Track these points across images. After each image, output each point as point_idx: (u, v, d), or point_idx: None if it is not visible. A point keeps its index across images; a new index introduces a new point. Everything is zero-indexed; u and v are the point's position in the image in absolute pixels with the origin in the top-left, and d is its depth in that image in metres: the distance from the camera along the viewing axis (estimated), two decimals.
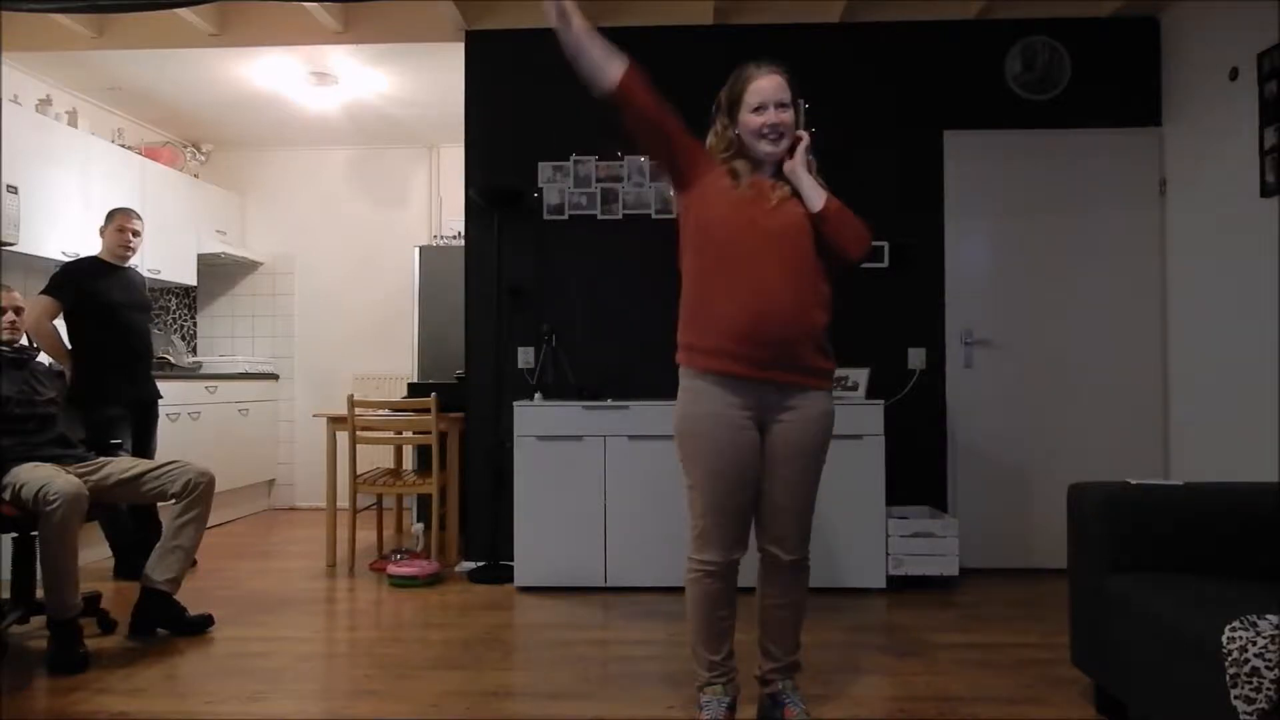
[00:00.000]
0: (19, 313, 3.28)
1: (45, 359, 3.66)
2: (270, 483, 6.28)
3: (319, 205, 6.38)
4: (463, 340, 4.35)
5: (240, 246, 6.23)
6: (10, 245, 4.20)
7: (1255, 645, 1.64)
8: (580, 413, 3.80)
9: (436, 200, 6.29)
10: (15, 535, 3.02)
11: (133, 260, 4.18)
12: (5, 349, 3.17)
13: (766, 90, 2.17)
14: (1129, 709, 2.27)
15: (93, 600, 3.12)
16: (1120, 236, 4.14)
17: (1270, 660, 1.62)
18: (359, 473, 4.29)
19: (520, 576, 3.78)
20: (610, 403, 3.81)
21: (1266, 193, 3.37)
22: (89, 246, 4.32)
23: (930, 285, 4.20)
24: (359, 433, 4.27)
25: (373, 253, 6.28)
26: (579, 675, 2.76)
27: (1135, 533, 2.26)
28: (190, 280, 5.83)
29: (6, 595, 3.05)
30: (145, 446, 4.05)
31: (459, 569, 4.16)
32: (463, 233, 4.47)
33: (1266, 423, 3.34)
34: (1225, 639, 1.69)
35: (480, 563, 4.11)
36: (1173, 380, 4.07)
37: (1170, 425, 4.07)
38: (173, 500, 3.17)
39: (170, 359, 5.69)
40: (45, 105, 4.77)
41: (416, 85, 5.13)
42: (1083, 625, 2.40)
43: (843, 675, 2.70)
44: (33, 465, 2.92)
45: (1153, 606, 2.04)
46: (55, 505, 2.73)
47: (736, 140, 2.22)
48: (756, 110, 2.17)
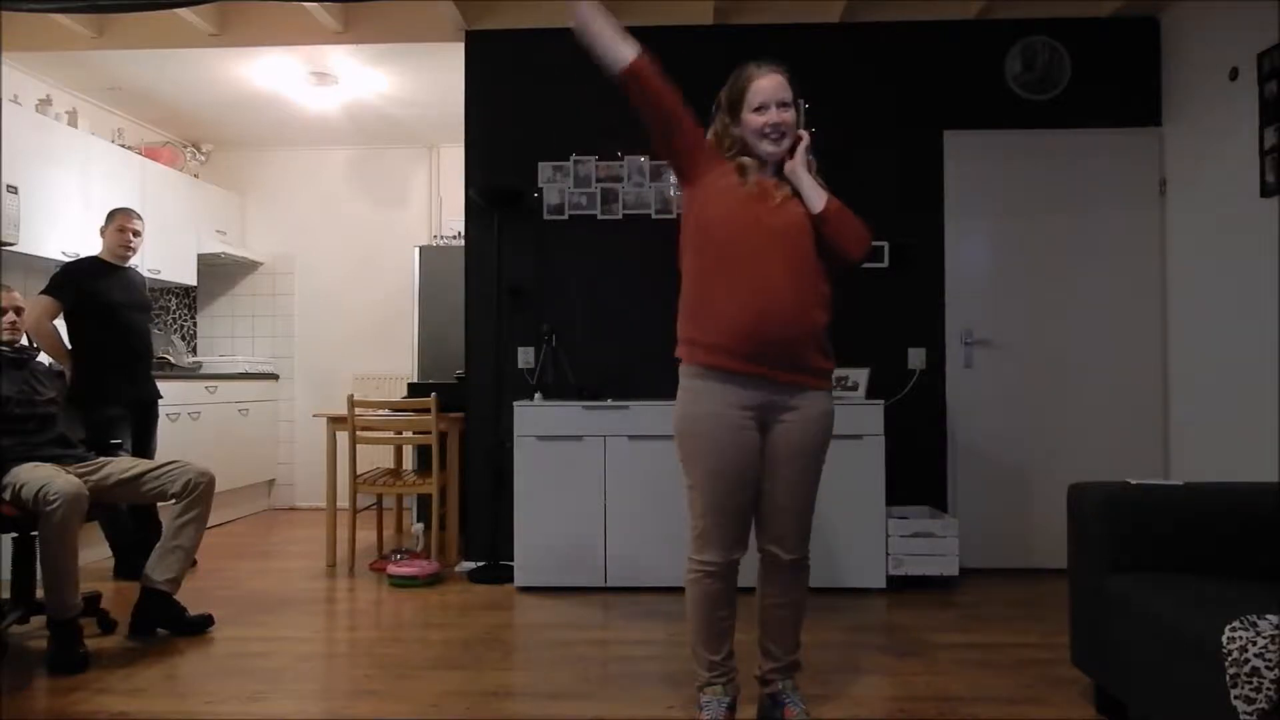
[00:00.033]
0: (19, 313, 3.27)
1: (45, 359, 3.66)
2: (270, 483, 6.28)
3: (319, 205, 6.38)
4: (463, 340, 4.35)
5: (240, 246, 6.23)
6: (10, 245, 4.21)
7: (1255, 645, 1.64)
8: (580, 413, 3.80)
9: (436, 200, 6.29)
10: (15, 535, 3.02)
11: (133, 260, 4.18)
12: (5, 349, 3.17)
13: (768, 90, 2.16)
14: (1129, 709, 2.27)
15: (93, 600, 3.12)
16: (1120, 236, 4.14)
17: (1270, 660, 1.62)
18: (359, 473, 4.29)
19: (520, 576, 3.78)
20: (610, 403, 3.81)
21: (1266, 193, 3.37)
22: (89, 246, 4.33)
23: (930, 285, 4.20)
24: (359, 433, 4.27)
25: (373, 253, 6.28)
26: (579, 675, 2.76)
27: (1135, 533, 2.26)
28: (190, 280, 5.83)
29: (6, 595, 3.05)
30: (145, 446, 4.05)
31: (459, 569, 4.17)
32: (463, 233, 4.47)
33: (1266, 423, 3.34)
34: (1225, 639, 1.69)
35: (480, 563, 4.12)
36: (1173, 380, 4.07)
37: (1170, 425, 4.08)
38: (173, 500, 3.17)
39: (170, 359, 5.69)
40: (45, 105, 4.78)
41: (416, 85, 5.13)
42: (1083, 625, 2.40)
43: (843, 675, 2.70)
44: (33, 465, 2.92)
45: (1153, 606, 2.04)
46: (55, 505, 2.73)
47: (739, 140, 2.21)
48: (758, 110, 2.17)
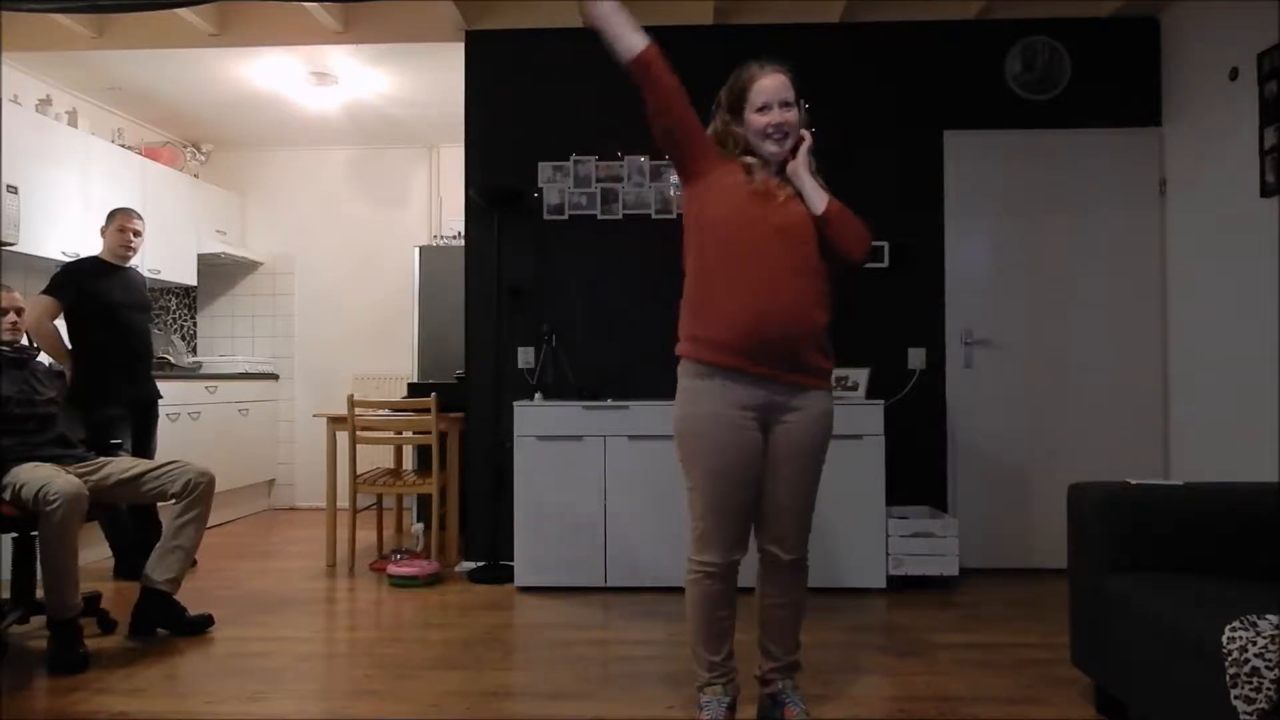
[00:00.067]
0: (19, 313, 3.27)
1: (45, 359, 3.66)
2: (270, 483, 6.28)
3: (319, 205, 6.38)
4: (463, 340, 4.35)
5: (240, 246, 6.23)
6: (10, 245, 4.21)
7: (1255, 645, 1.64)
8: (580, 413, 3.80)
9: (436, 200, 6.29)
10: (15, 535, 3.02)
11: (133, 260, 4.17)
12: (5, 349, 3.17)
13: (771, 90, 2.16)
14: (1129, 709, 2.27)
15: (93, 600, 3.12)
16: (1120, 236, 4.14)
17: (1270, 660, 1.62)
18: (359, 473, 4.29)
19: (520, 576, 3.78)
20: (610, 403, 3.81)
21: (1266, 193, 3.37)
22: (89, 246, 4.33)
23: (930, 285, 4.20)
24: (359, 433, 4.27)
25: (373, 253, 6.28)
26: (579, 675, 2.76)
27: (1135, 533, 2.26)
28: (190, 280, 5.83)
29: (6, 595, 3.05)
30: (145, 446, 4.05)
31: (459, 569, 4.17)
32: (463, 233, 4.47)
33: (1266, 423, 3.34)
34: (1225, 639, 1.69)
35: (480, 563, 4.12)
36: (1173, 380, 4.07)
37: (1170, 425, 4.08)
38: (173, 500, 3.17)
39: (170, 359, 5.69)
40: (45, 105, 4.78)
41: (416, 85, 5.13)
42: (1083, 625, 2.40)
43: (843, 675, 2.70)
44: (33, 465, 2.92)
45: (1153, 606, 2.04)
46: (55, 505, 2.73)
47: (741, 139, 2.20)
48: (761, 110, 2.16)
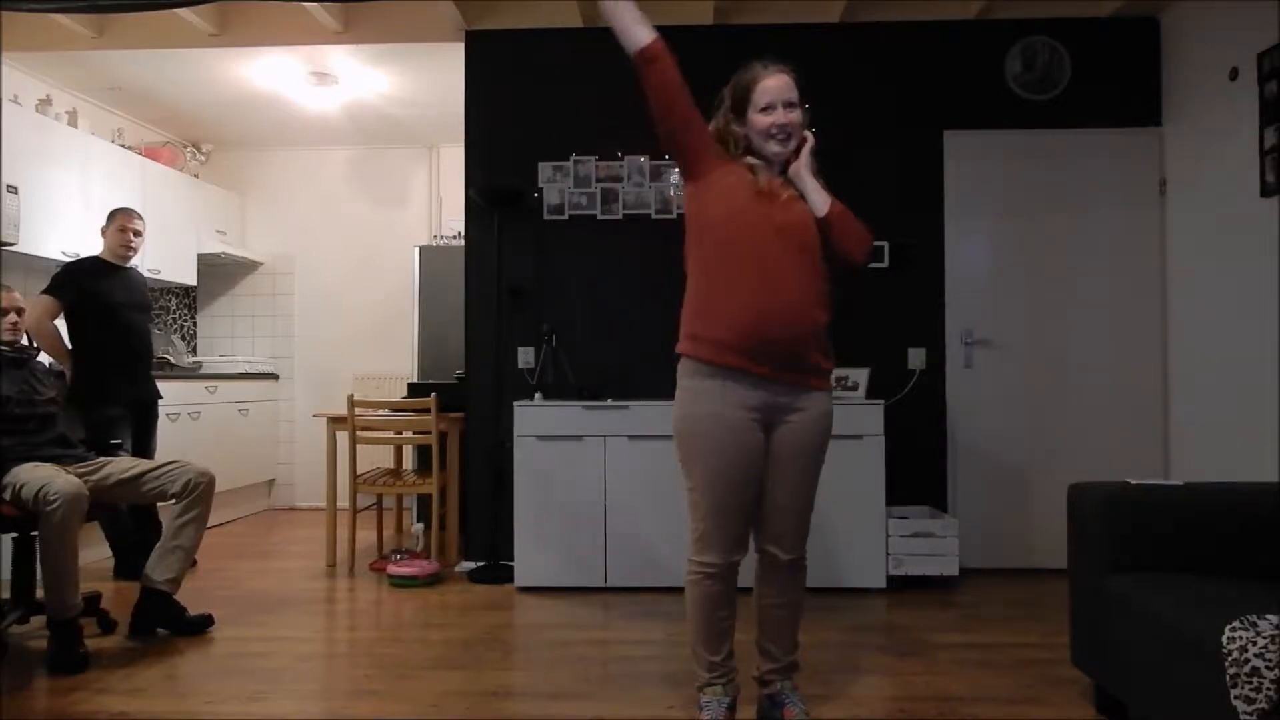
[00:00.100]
0: (20, 313, 3.27)
1: (45, 359, 3.66)
2: (270, 483, 6.28)
3: (319, 205, 6.38)
4: (463, 340, 4.35)
5: (240, 246, 6.23)
6: (10, 245, 4.21)
7: (1255, 645, 1.64)
8: (580, 413, 3.80)
9: (436, 200, 6.29)
10: (15, 535, 3.02)
11: (133, 260, 4.17)
12: (5, 349, 3.17)
13: (775, 90, 2.16)
14: (1129, 709, 2.27)
15: (93, 600, 3.12)
16: (1120, 236, 4.14)
17: (1270, 660, 1.62)
18: (359, 473, 4.29)
19: (520, 576, 3.78)
20: (610, 403, 3.81)
21: (1266, 193, 3.37)
22: (89, 246, 4.33)
23: (930, 285, 4.20)
24: (359, 433, 4.27)
25: (373, 253, 6.28)
26: (579, 675, 2.76)
27: (1135, 533, 2.26)
28: (190, 280, 5.83)
29: (6, 595, 3.05)
30: (145, 446, 4.05)
31: (459, 569, 4.17)
32: (463, 233, 4.47)
33: (1266, 423, 3.34)
34: (1225, 639, 1.69)
35: (480, 563, 4.12)
36: (1173, 380, 4.07)
37: (1170, 425, 4.08)
38: (173, 500, 3.17)
39: (170, 359, 5.69)
40: (45, 105, 4.78)
41: (416, 85, 5.13)
42: (1083, 625, 2.40)
43: (843, 675, 2.70)
44: (33, 465, 2.92)
45: (1153, 606, 2.04)
46: (55, 505, 2.73)
47: (744, 139, 2.20)
48: (764, 110, 2.16)
